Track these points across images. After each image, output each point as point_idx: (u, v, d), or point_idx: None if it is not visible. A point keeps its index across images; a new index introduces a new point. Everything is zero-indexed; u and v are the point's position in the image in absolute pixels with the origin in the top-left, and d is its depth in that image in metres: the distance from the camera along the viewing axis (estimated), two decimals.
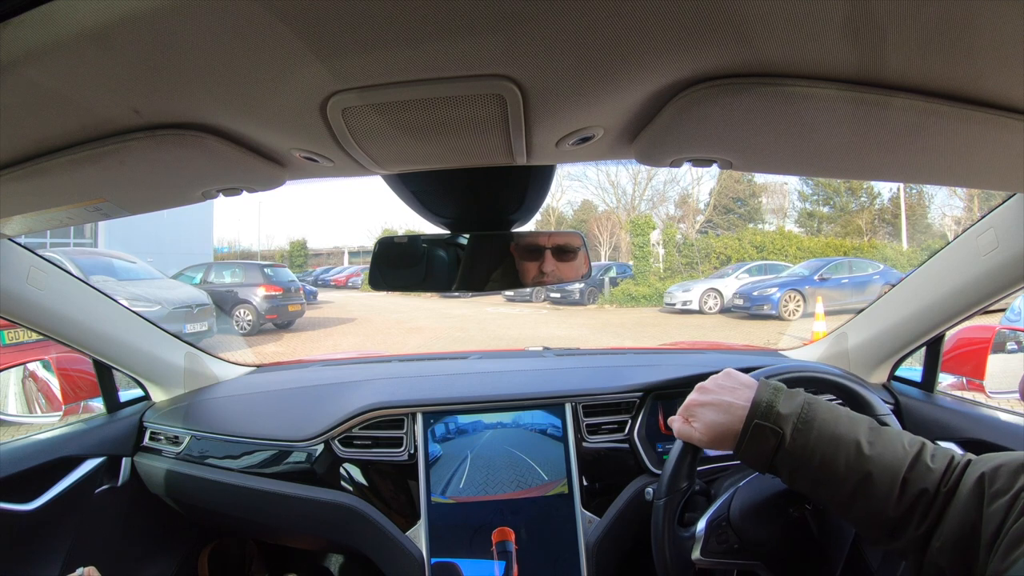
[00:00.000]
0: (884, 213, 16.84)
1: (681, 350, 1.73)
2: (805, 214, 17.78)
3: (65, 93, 0.38)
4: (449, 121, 0.45)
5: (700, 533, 0.72)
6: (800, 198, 17.96)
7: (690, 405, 0.69)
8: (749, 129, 0.46)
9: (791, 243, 14.82)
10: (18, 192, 0.54)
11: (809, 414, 0.61)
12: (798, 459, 0.60)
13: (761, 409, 0.62)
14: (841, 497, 0.59)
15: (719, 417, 0.65)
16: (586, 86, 0.40)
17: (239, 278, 8.69)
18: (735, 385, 0.67)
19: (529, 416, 1.07)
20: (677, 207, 17.80)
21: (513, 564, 0.98)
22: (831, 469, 0.58)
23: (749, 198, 18.02)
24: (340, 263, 21.52)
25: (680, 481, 0.73)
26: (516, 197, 0.75)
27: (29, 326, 0.90)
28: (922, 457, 0.58)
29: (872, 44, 0.34)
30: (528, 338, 8.10)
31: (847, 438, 0.59)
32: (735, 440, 0.63)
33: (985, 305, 0.90)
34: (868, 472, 0.57)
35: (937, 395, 1.07)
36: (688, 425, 0.68)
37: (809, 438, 0.59)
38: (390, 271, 0.81)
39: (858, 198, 17.20)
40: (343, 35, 0.33)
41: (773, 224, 17.42)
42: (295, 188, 0.73)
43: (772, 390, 0.63)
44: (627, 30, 0.33)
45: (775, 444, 0.60)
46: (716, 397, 0.66)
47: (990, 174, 0.55)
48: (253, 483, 1.08)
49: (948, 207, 15.68)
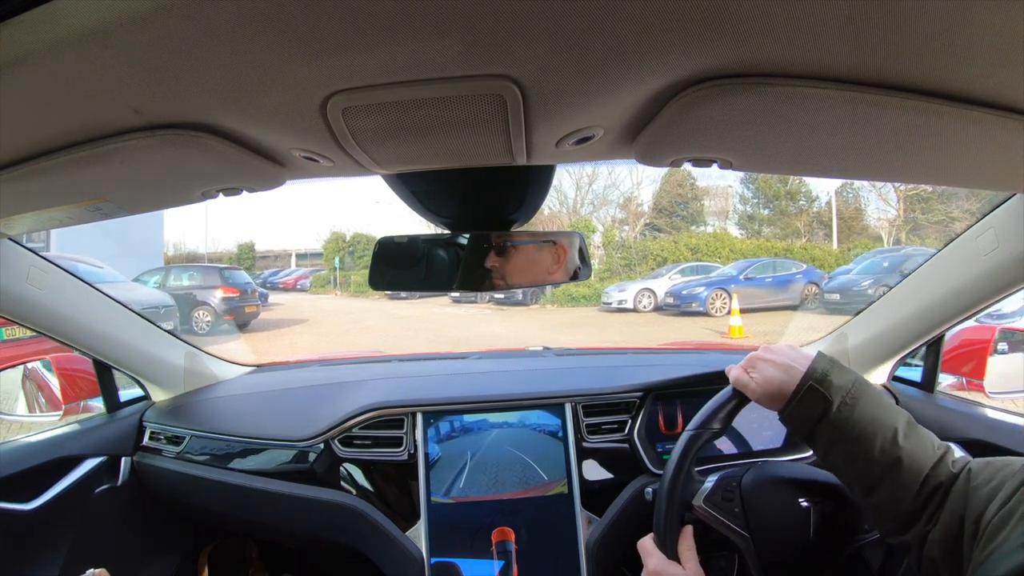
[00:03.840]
0: (822, 216, 17.51)
1: (681, 350, 1.74)
2: (746, 217, 18.39)
3: (65, 93, 0.38)
4: (449, 121, 0.45)
5: (710, 483, 0.74)
6: (741, 201, 18.60)
7: (753, 359, 0.72)
8: (749, 129, 0.46)
9: (724, 245, 15.42)
10: (18, 192, 0.54)
11: (859, 391, 0.63)
12: (839, 431, 0.62)
13: (817, 374, 0.64)
14: (869, 478, 0.62)
15: (777, 374, 0.67)
16: (586, 86, 0.40)
17: (197, 281, 9.09)
18: (797, 354, 0.70)
19: (529, 416, 1.07)
20: (621, 209, 18.22)
21: (513, 564, 0.98)
22: (866, 448, 0.61)
23: (692, 201, 18.54)
24: (287, 265, 21.64)
25: (715, 421, 0.74)
26: (516, 197, 0.75)
27: (29, 326, 0.90)
28: (945, 459, 0.61)
29: (872, 44, 0.34)
30: (473, 336, 8.59)
31: (887, 423, 0.61)
32: (786, 400, 0.65)
33: (985, 305, 0.90)
34: (899, 459, 0.60)
35: (937, 395, 1.07)
36: (746, 375, 0.71)
37: (853, 413, 0.62)
38: (390, 271, 0.81)
39: (797, 202, 17.94)
40: (343, 35, 0.33)
41: (715, 226, 18.03)
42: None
43: (829, 362, 0.66)
44: (627, 30, 0.33)
45: (821, 411, 0.63)
46: (779, 357, 0.69)
47: (990, 174, 0.55)
48: (253, 483, 1.08)
49: (882, 211, 16.81)
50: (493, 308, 12.39)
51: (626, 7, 0.31)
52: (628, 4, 0.30)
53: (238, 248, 20.58)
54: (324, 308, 12.97)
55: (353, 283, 17.13)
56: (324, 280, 18.41)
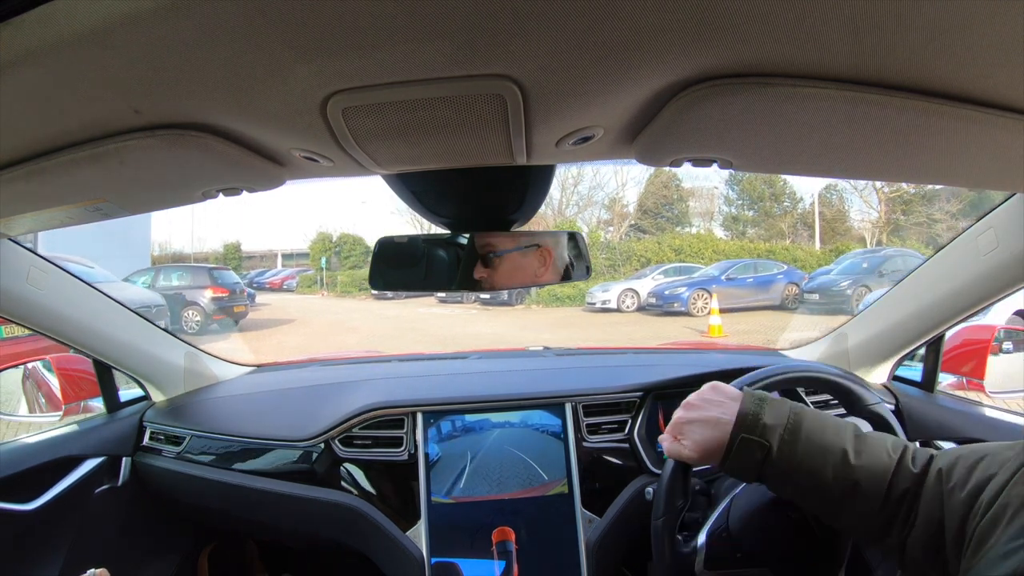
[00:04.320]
0: (806, 217, 17.69)
1: (681, 350, 1.74)
2: (730, 218, 18.51)
3: (65, 93, 0.38)
4: (449, 121, 0.45)
5: (701, 547, 0.72)
6: (726, 202, 18.72)
7: (677, 423, 0.68)
8: (749, 129, 0.46)
9: (707, 246, 15.52)
10: (18, 192, 0.54)
11: (795, 424, 0.60)
12: (785, 470, 0.59)
13: (747, 422, 0.61)
14: (829, 505, 0.59)
15: (707, 432, 0.64)
16: (586, 86, 0.40)
17: (187, 281, 9.17)
18: (721, 399, 0.66)
19: (529, 416, 1.07)
20: (606, 210, 18.36)
21: (513, 564, 0.98)
22: (819, 478, 0.58)
23: (677, 202, 18.69)
24: (273, 266, 21.51)
25: (676, 499, 0.73)
26: (516, 197, 0.75)
27: (29, 326, 0.90)
28: (904, 461, 0.59)
29: (872, 44, 0.34)
30: (458, 335, 8.72)
31: (834, 447, 0.59)
32: (722, 455, 0.62)
33: (985, 305, 0.90)
34: (855, 481, 0.57)
35: (937, 395, 1.07)
36: (677, 443, 0.67)
37: (796, 449, 0.59)
38: (390, 271, 0.81)
39: (781, 203, 18.11)
40: (343, 35, 0.33)
41: (701, 227, 18.17)
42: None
43: (757, 401, 0.63)
44: (627, 30, 0.33)
45: (762, 456, 0.60)
46: (703, 413, 0.65)
47: (990, 174, 0.55)
48: (253, 483, 1.08)
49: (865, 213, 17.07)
50: (479, 308, 12.46)
51: (626, 7, 0.31)
52: (628, 4, 0.30)
53: (224, 248, 20.48)
54: (311, 308, 13.11)
55: (340, 283, 17.10)
56: (311, 280, 18.38)
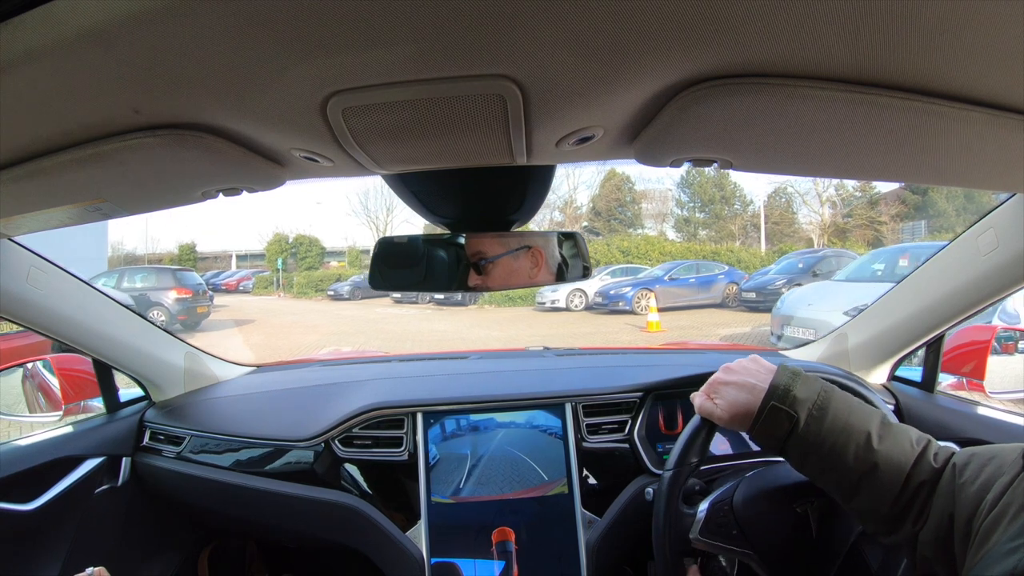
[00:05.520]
0: (756, 219, 18.36)
1: (681, 350, 1.74)
2: (682, 220, 19.17)
3: (65, 93, 0.38)
4: (449, 121, 0.45)
5: (701, 513, 0.73)
6: (678, 205, 19.39)
7: (714, 383, 0.70)
8: (749, 129, 0.45)
9: (655, 248, 16.21)
10: (18, 192, 0.54)
11: (825, 401, 0.62)
12: (809, 444, 0.61)
13: (779, 392, 0.63)
14: (846, 486, 0.60)
15: (740, 396, 0.66)
16: (586, 86, 0.40)
17: (151, 282, 9.41)
18: (759, 368, 0.68)
19: (529, 416, 1.07)
20: (561, 212, 18.94)
21: (513, 564, 0.98)
22: (840, 457, 0.59)
23: (630, 204, 19.27)
24: (227, 267, 21.67)
25: (691, 455, 0.74)
26: (516, 197, 0.75)
27: (29, 326, 0.90)
28: (926, 455, 0.59)
29: (872, 44, 0.34)
30: (411, 331, 9.47)
31: (859, 429, 0.60)
32: (752, 420, 0.64)
33: (985, 305, 0.90)
34: (875, 464, 0.58)
35: (937, 395, 1.07)
36: (710, 401, 0.69)
37: (822, 425, 0.60)
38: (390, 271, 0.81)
39: (732, 206, 18.77)
40: (343, 35, 0.33)
41: (654, 229, 18.93)
42: None
43: (791, 375, 0.64)
44: (627, 30, 0.33)
45: (789, 427, 0.61)
46: (740, 377, 0.68)
47: (990, 174, 0.55)
48: (253, 483, 1.08)
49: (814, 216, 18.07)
50: (433, 308, 12.89)
51: (626, 7, 0.31)
52: (628, 4, 0.30)
53: (179, 249, 20.58)
54: (269, 309, 13.52)
55: (296, 284, 17.19)
56: (267, 281, 18.49)
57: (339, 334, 9.39)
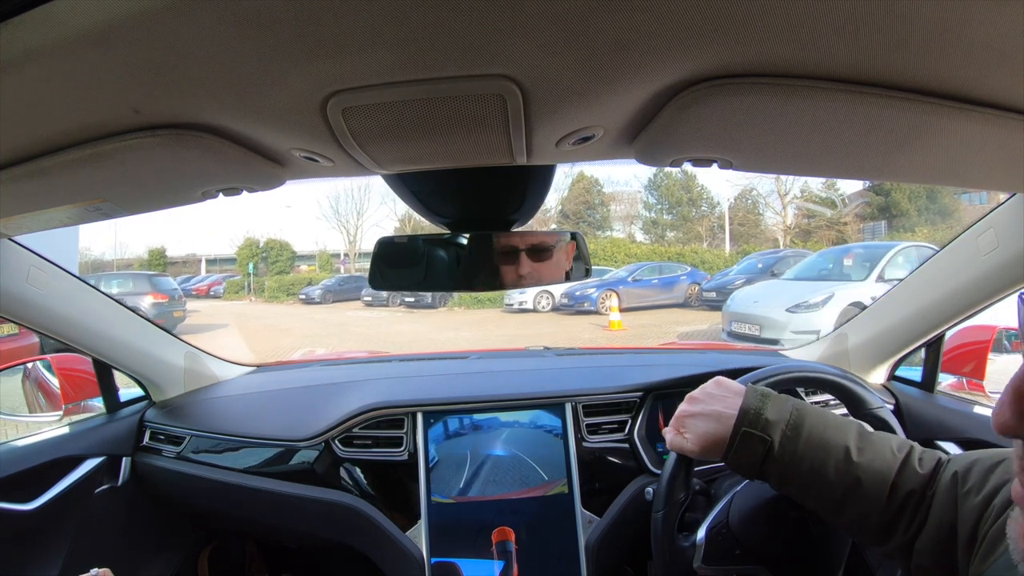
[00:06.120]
0: (723, 220, 18.63)
1: (681, 350, 1.74)
2: (650, 222, 19.33)
3: (65, 93, 0.38)
4: (449, 121, 0.45)
5: (700, 541, 0.72)
6: (645, 207, 19.54)
7: (680, 416, 0.68)
8: (749, 129, 0.45)
9: (620, 250, 16.46)
10: (18, 192, 0.54)
11: (798, 420, 0.60)
12: (787, 466, 0.59)
13: (749, 417, 0.61)
14: (830, 503, 0.59)
15: (709, 426, 0.64)
16: (586, 86, 0.40)
17: (128, 288, 9.45)
18: (724, 393, 0.66)
19: (529, 416, 1.07)
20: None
21: (513, 564, 0.98)
22: (820, 475, 0.58)
23: (599, 207, 19.42)
24: (197, 271, 21.50)
25: (677, 493, 0.73)
26: (516, 197, 0.75)
27: (29, 326, 0.90)
28: (910, 461, 0.58)
29: (872, 44, 0.34)
30: (382, 333, 9.88)
31: (836, 444, 0.59)
32: (724, 449, 0.62)
33: (985, 305, 0.90)
34: (857, 478, 0.57)
35: (937, 395, 1.07)
36: (680, 436, 0.67)
37: (798, 445, 0.59)
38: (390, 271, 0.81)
39: (699, 208, 19.04)
40: (343, 35, 0.33)
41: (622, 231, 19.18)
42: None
43: (760, 396, 0.63)
44: (627, 30, 0.33)
45: (764, 451, 0.60)
46: (706, 407, 0.66)
47: (990, 174, 0.55)
48: (253, 483, 1.08)
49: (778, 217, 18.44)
50: (404, 311, 13.10)
51: (626, 7, 0.31)
52: (628, 4, 0.30)
53: (149, 254, 20.41)
54: (242, 313, 13.67)
55: (267, 288, 17.18)
56: (238, 286, 18.42)
57: (312, 336, 9.58)
